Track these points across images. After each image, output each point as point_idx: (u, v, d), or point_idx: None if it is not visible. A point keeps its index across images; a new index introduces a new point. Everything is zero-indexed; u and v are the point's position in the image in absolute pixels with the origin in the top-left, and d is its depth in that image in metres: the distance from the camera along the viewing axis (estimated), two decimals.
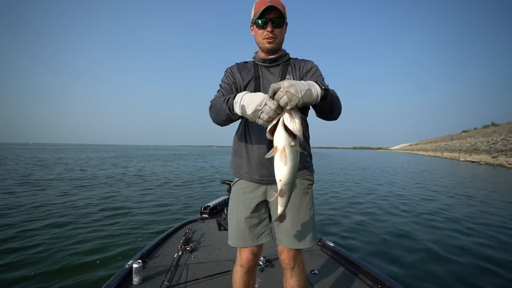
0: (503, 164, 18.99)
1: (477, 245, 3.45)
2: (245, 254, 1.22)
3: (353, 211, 5.30)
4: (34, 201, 5.59)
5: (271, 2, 1.08)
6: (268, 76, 1.20)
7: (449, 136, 63.60)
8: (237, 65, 1.25)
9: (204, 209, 3.23)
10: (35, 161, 18.39)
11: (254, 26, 1.16)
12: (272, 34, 1.13)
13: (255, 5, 1.14)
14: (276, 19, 1.11)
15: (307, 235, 1.18)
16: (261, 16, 1.10)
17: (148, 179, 10.07)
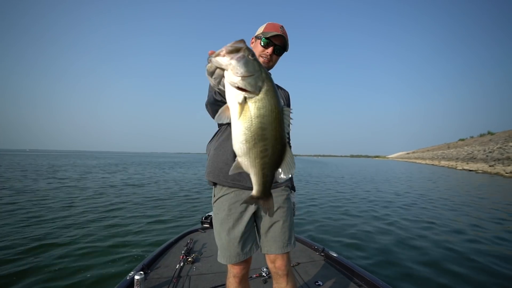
0: (501, 173, 19.08)
1: None
2: (237, 266, 1.23)
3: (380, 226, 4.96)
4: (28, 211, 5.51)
5: (282, 32, 1.21)
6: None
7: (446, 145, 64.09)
8: None
9: (205, 219, 3.19)
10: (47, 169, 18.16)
11: (257, 41, 1.25)
12: (270, 57, 1.24)
13: (267, 25, 1.24)
14: (279, 47, 1.23)
15: (292, 237, 1.27)
16: (268, 37, 1.20)
17: (147, 187, 9.98)
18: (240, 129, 0.69)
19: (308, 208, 6.36)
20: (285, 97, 1.40)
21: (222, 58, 0.66)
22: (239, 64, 0.65)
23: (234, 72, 0.65)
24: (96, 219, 4.92)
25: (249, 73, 0.66)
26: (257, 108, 0.68)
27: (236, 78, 0.65)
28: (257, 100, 0.68)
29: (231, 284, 1.27)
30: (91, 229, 4.29)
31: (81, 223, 4.62)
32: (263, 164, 0.73)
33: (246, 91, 0.67)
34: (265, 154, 0.72)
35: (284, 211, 1.25)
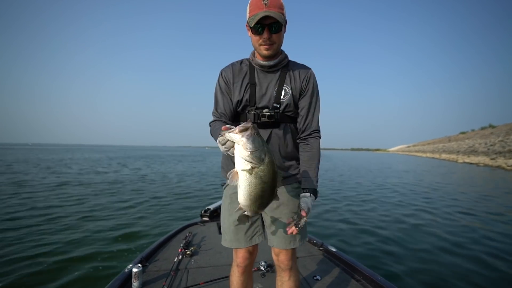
0: (502, 166, 19.05)
1: None
2: (241, 254, 1.23)
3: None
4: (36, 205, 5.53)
5: (267, 6, 0.99)
6: (264, 83, 1.15)
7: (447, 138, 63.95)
8: (232, 68, 1.18)
9: (204, 212, 3.19)
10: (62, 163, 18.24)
11: (250, 30, 1.07)
12: (270, 41, 1.05)
13: (250, 5, 1.03)
14: (274, 24, 1.02)
15: (298, 234, 1.15)
16: (257, 22, 1.00)
17: (149, 181, 10.02)
18: (246, 190, 0.88)
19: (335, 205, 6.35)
20: (300, 79, 1.16)
21: (235, 136, 0.82)
22: (248, 141, 0.80)
23: (245, 147, 0.81)
24: (91, 212, 4.96)
25: (255, 148, 0.81)
26: (260, 177, 0.86)
27: (246, 152, 0.81)
28: (261, 170, 0.85)
29: (234, 273, 1.28)
30: (87, 222, 4.32)
31: (75, 217, 4.66)
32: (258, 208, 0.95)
33: (253, 163, 0.83)
34: (262, 206, 0.94)
35: (290, 206, 1.20)
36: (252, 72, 1.15)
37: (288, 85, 1.14)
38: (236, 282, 1.28)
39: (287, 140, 1.19)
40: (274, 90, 1.14)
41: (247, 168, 0.83)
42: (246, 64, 1.18)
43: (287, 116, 1.16)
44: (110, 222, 4.32)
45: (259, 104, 1.14)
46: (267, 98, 1.14)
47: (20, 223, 4.15)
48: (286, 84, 1.14)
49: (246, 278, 1.29)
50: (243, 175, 0.86)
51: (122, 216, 4.73)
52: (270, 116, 1.12)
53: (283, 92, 1.13)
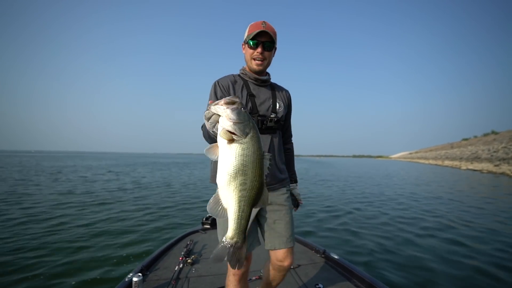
0: (507, 173, 18.84)
1: None
2: None
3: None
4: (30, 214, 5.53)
5: (264, 28, 1.21)
6: (261, 95, 1.33)
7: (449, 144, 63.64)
8: (228, 78, 1.30)
9: (206, 220, 3.17)
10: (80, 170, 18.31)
11: (246, 46, 1.28)
12: (262, 56, 1.25)
13: (249, 27, 1.25)
14: (267, 42, 1.24)
15: (293, 233, 1.35)
16: (254, 37, 1.22)
17: (150, 188, 10.00)
18: (224, 163, 0.80)
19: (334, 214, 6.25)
20: (286, 97, 1.43)
21: (220, 107, 0.79)
22: (233, 113, 0.78)
23: (228, 118, 0.78)
24: (91, 220, 4.94)
25: (239, 120, 0.78)
26: (242, 149, 0.79)
27: (229, 123, 0.78)
28: (243, 142, 0.79)
29: (230, 282, 1.29)
30: (88, 230, 4.30)
31: (76, 224, 4.64)
32: (240, 196, 0.80)
33: (235, 135, 0.78)
34: (244, 187, 0.80)
35: (286, 209, 1.33)
36: (247, 85, 1.31)
37: (280, 100, 1.37)
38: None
39: (281, 145, 1.40)
40: (270, 102, 1.33)
41: (228, 138, 0.78)
42: (239, 78, 1.33)
43: (280, 124, 1.36)
44: (110, 230, 4.30)
45: (260, 112, 1.29)
46: (265, 108, 1.31)
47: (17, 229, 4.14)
48: (278, 99, 1.36)
49: (243, 284, 1.31)
50: (223, 147, 0.79)
51: (122, 224, 4.70)
52: (276, 121, 1.30)
53: (278, 105, 1.35)
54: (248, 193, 0.80)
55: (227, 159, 0.79)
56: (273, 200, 1.32)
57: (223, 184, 0.80)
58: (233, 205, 0.81)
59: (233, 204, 0.81)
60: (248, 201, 0.81)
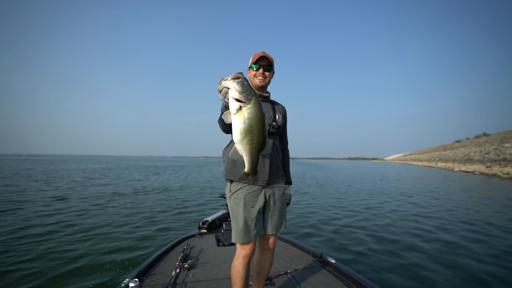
0: (498, 174, 19.21)
1: None
2: (249, 246, 1.51)
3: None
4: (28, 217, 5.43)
5: (264, 54, 1.55)
6: (264, 108, 1.52)
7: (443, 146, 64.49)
8: None
9: (202, 224, 3.16)
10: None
11: (250, 70, 1.61)
12: (263, 75, 1.58)
13: (252, 56, 1.60)
14: (267, 66, 1.57)
15: (284, 221, 1.66)
16: (256, 62, 1.56)
17: (146, 192, 9.90)
18: (237, 125, 1.10)
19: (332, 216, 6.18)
20: (283, 110, 1.72)
21: (228, 81, 1.06)
22: (238, 85, 1.05)
23: (234, 89, 1.05)
24: (88, 224, 4.87)
25: (243, 90, 1.05)
26: (248, 113, 1.08)
27: (235, 93, 1.05)
28: (248, 107, 1.07)
29: (240, 264, 1.52)
30: (81, 234, 4.24)
31: (72, 229, 4.57)
32: (251, 149, 1.14)
33: (241, 102, 1.06)
34: (252, 142, 1.12)
35: (281, 202, 1.63)
36: None
37: (279, 112, 1.67)
38: (243, 271, 1.52)
39: (279, 148, 1.68)
40: (271, 113, 1.62)
41: (237, 106, 1.06)
42: None
43: (279, 132, 1.66)
44: (106, 235, 4.25)
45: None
46: (269, 118, 1.57)
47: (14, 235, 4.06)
48: (277, 111, 1.66)
49: (249, 267, 1.56)
50: (235, 112, 1.07)
51: (118, 229, 4.65)
52: (277, 127, 1.62)
53: (277, 115, 1.64)
54: (255, 145, 1.13)
55: (238, 122, 1.08)
56: (275, 193, 1.60)
57: (237, 141, 1.14)
58: (247, 154, 1.16)
59: (246, 153, 1.16)
60: (256, 150, 1.15)
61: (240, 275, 1.53)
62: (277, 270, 2.21)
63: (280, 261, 2.38)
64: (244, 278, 1.54)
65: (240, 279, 1.53)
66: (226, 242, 2.82)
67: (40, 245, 3.72)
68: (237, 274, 1.53)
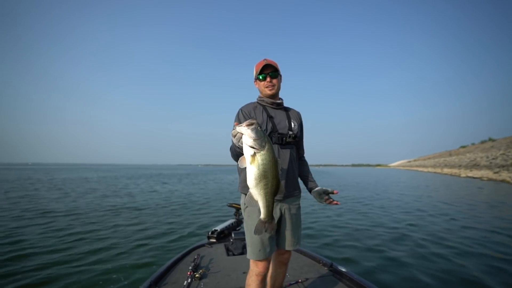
0: (507, 180, 18.83)
1: None
2: (262, 264, 1.45)
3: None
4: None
5: (266, 62, 1.49)
6: (277, 117, 1.55)
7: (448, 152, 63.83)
8: (250, 105, 1.56)
9: (211, 234, 3.17)
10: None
11: (257, 81, 1.55)
12: (271, 83, 1.51)
13: (255, 66, 1.54)
14: (272, 72, 1.50)
15: (300, 238, 1.59)
16: (261, 72, 1.51)
17: (153, 201, 9.92)
18: (252, 171, 1.10)
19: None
20: (298, 118, 1.65)
21: (243, 128, 1.08)
22: (252, 132, 1.06)
23: (249, 136, 1.06)
24: (97, 235, 4.89)
25: (257, 137, 1.06)
26: (262, 159, 1.08)
27: (250, 140, 1.06)
28: (262, 154, 1.08)
29: (253, 281, 1.48)
30: (88, 245, 4.25)
31: (81, 239, 4.60)
32: (265, 193, 1.13)
33: (255, 149, 1.07)
34: (267, 186, 1.12)
35: (297, 217, 1.56)
36: (266, 109, 1.55)
37: (294, 120, 1.59)
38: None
39: (296, 159, 1.61)
40: (286, 122, 1.55)
41: (251, 153, 1.07)
42: (258, 104, 1.57)
43: (295, 141, 1.57)
44: (114, 245, 4.26)
45: (279, 131, 1.52)
46: (282, 127, 1.53)
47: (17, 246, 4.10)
48: (293, 119, 1.59)
49: (264, 283, 1.51)
50: (249, 159, 1.09)
51: (126, 238, 4.66)
52: (294, 137, 1.53)
53: (293, 124, 1.57)
54: (270, 189, 1.13)
55: (253, 168, 1.10)
56: (290, 208, 1.53)
57: (252, 186, 1.14)
58: (262, 199, 1.15)
59: (261, 198, 1.14)
60: (271, 194, 1.14)
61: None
62: (288, 279, 2.20)
63: (291, 270, 2.38)
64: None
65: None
66: (235, 251, 2.82)
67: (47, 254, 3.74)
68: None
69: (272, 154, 1.11)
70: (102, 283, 2.88)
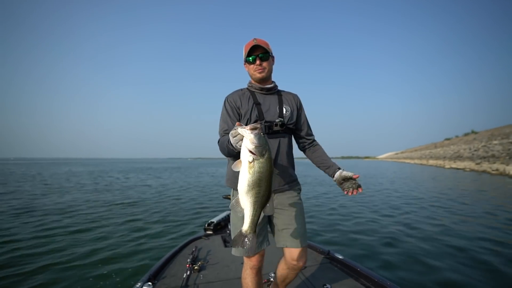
0: (488, 171, 19.75)
1: None
2: (254, 258, 1.38)
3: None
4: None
5: (256, 42, 1.34)
6: (266, 103, 1.42)
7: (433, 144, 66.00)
8: (236, 94, 1.44)
9: (208, 226, 3.17)
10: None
11: (246, 63, 1.42)
12: (261, 66, 1.37)
13: (244, 47, 1.40)
14: (262, 54, 1.36)
15: (306, 233, 1.44)
16: (249, 54, 1.36)
17: (147, 195, 9.79)
18: (246, 177, 1.02)
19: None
20: (294, 101, 1.51)
21: (245, 131, 1.00)
22: (255, 138, 0.99)
23: (251, 141, 0.99)
24: (93, 229, 4.80)
25: (259, 144, 0.99)
26: (259, 167, 1.01)
27: (252, 146, 0.99)
28: (260, 162, 1.01)
29: (248, 275, 1.41)
30: (89, 239, 4.18)
31: (78, 234, 4.50)
32: (255, 202, 1.04)
33: (255, 155, 1.00)
34: (258, 195, 1.04)
35: (297, 210, 1.41)
36: (254, 95, 1.43)
37: (287, 104, 1.45)
38: (251, 283, 1.42)
39: (290, 147, 1.47)
40: (277, 108, 1.42)
41: (250, 159, 1.01)
42: (247, 91, 1.45)
43: (288, 128, 1.44)
44: (108, 241, 4.19)
45: (266, 118, 1.38)
46: (271, 114, 1.40)
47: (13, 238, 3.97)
48: (285, 104, 1.44)
49: (259, 278, 1.45)
50: (246, 164, 1.02)
51: (123, 232, 4.60)
52: (282, 124, 1.37)
53: (284, 109, 1.43)
54: (261, 199, 1.04)
55: (248, 174, 1.01)
56: (283, 201, 1.41)
57: (243, 192, 1.04)
58: (249, 208, 1.05)
59: (249, 206, 1.04)
60: (260, 204, 1.05)
61: (248, 286, 1.43)
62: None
63: None
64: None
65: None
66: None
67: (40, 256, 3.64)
68: (245, 285, 1.44)
69: (270, 164, 1.04)
70: (97, 280, 2.82)
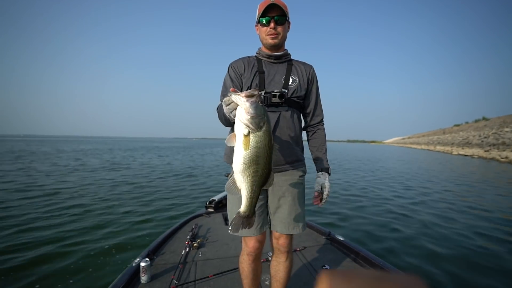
0: (496, 158, 19.37)
1: None
2: (251, 243, 1.27)
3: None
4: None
5: (273, 1, 1.16)
6: (271, 72, 1.26)
7: (441, 130, 64.75)
8: (241, 60, 1.29)
9: (209, 203, 3.17)
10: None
11: (259, 25, 1.24)
12: (275, 31, 1.20)
13: (259, 6, 1.22)
14: (278, 17, 1.19)
15: (300, 222, 1.29)
16: (264, 14, 1.18)
17: (149, 173, 9.93)
18: (241, 153, 0.89)
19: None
20: (306, 72, 1.30)
21: (240, 98, 0.85)
22: (251, 107, 0.84)
23: (247, 111, 0.84)
24: (97, 205, 4.90)
25: (256, 115, 0.84)
26: (256, 142, 0.88)
27: (247, 116, 0.84)
28: (257, 135, 0.87)
29: (244, 261, 1.33)
30: (92, 216, 4.26)
31: (82, 210, 4.60)
32: (253, 181, 0.93)
33: (251, 128, 0.86)
34: (256, 174, 0.92)
35: (293, 194, 1.26)
36: (260, 63, 1.27)
37: (295, 75, 1.27)
38: (247, 270, 1.33)
39: (295, 123, 1.27)
40: (282, 78, 1.25)
41: (245, 132, 0.87)
42: (254, 58, 1.30)
43: (294, 101, 1.26)
44: (112, 216, 4.27)
45: (268, 89, 1.23)
46: (275, 84, 1.24)
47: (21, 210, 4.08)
48: (293, 74, 1.27)
49: (256, 265, 1.34)
50: (240, 138, 0.88)
51: (124, 210, 4.68)
52: (280, 95, 1.20)
53: (291, 80, 1.25)
54: (259, 178, 0.93)
55: (243, 150, 0.89)
56: (282, 183, 1.25)
57: (238, 171, 0.92)
58: (247, 188, 0.94)
59: (246, 186, 0.93)
60: (258, 184, 0.94)
61: (244, 273, 1.35)
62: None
63: None
64: (250, 277, 1.34)
65: (245, 277, 1.36)
66: None
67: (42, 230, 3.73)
68: (242, 271, 1.37)
69: (269, 137, 0.90)
70: (97, 255, 2.85)
